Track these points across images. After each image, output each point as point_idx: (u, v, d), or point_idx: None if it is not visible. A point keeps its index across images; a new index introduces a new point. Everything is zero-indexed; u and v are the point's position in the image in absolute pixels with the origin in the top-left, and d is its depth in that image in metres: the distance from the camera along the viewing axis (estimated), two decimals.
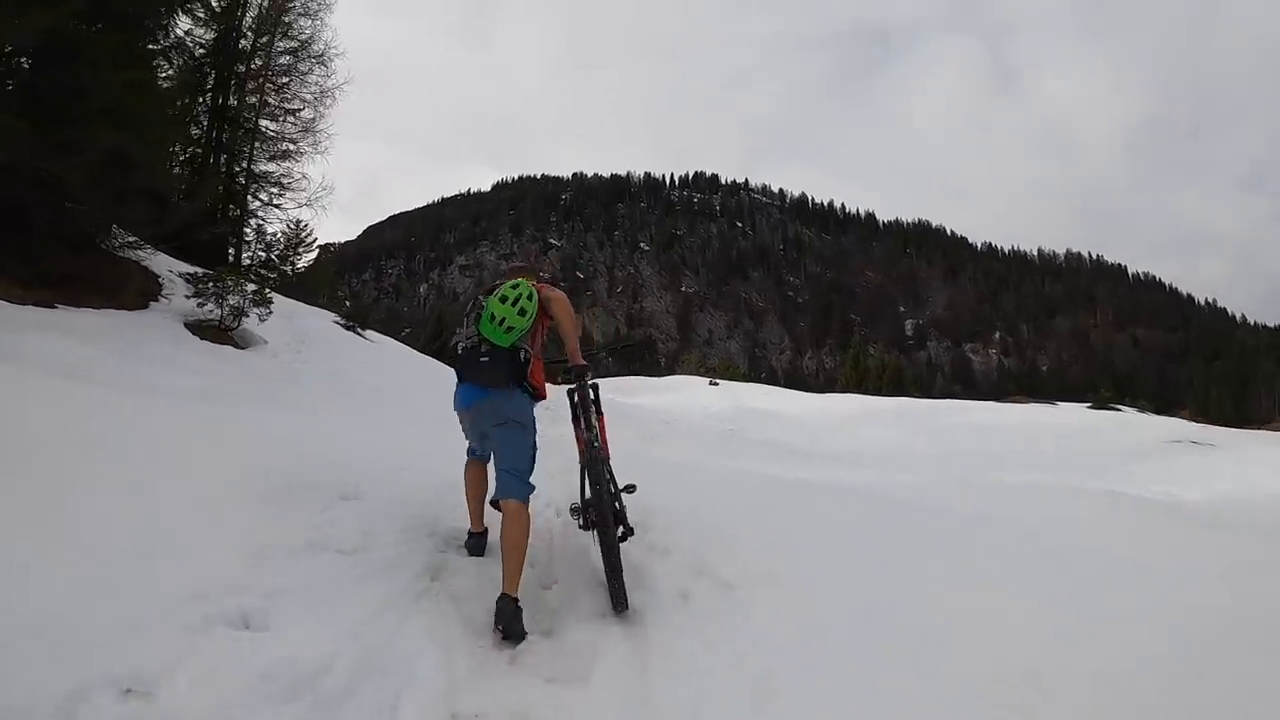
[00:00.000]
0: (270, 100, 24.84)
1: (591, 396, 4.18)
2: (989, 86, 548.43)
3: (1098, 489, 12.34)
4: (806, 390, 46.77)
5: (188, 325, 11.71)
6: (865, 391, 46.76)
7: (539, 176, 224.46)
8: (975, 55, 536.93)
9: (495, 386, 3.88)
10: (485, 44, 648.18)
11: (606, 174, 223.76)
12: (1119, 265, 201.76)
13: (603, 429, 4.18)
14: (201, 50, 22.47)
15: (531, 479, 3.94)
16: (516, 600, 3.44)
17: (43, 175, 10.29)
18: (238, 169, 24.23)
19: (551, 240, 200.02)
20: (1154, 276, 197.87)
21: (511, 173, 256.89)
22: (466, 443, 4.38)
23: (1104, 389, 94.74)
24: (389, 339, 20.58)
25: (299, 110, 24.94)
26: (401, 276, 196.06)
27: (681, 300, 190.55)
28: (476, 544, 4.29)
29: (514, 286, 3.91)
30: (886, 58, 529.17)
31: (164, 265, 13.39)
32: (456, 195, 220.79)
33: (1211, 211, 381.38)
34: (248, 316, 12.32)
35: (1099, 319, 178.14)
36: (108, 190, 11.56)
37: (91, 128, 11.00)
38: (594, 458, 4.00)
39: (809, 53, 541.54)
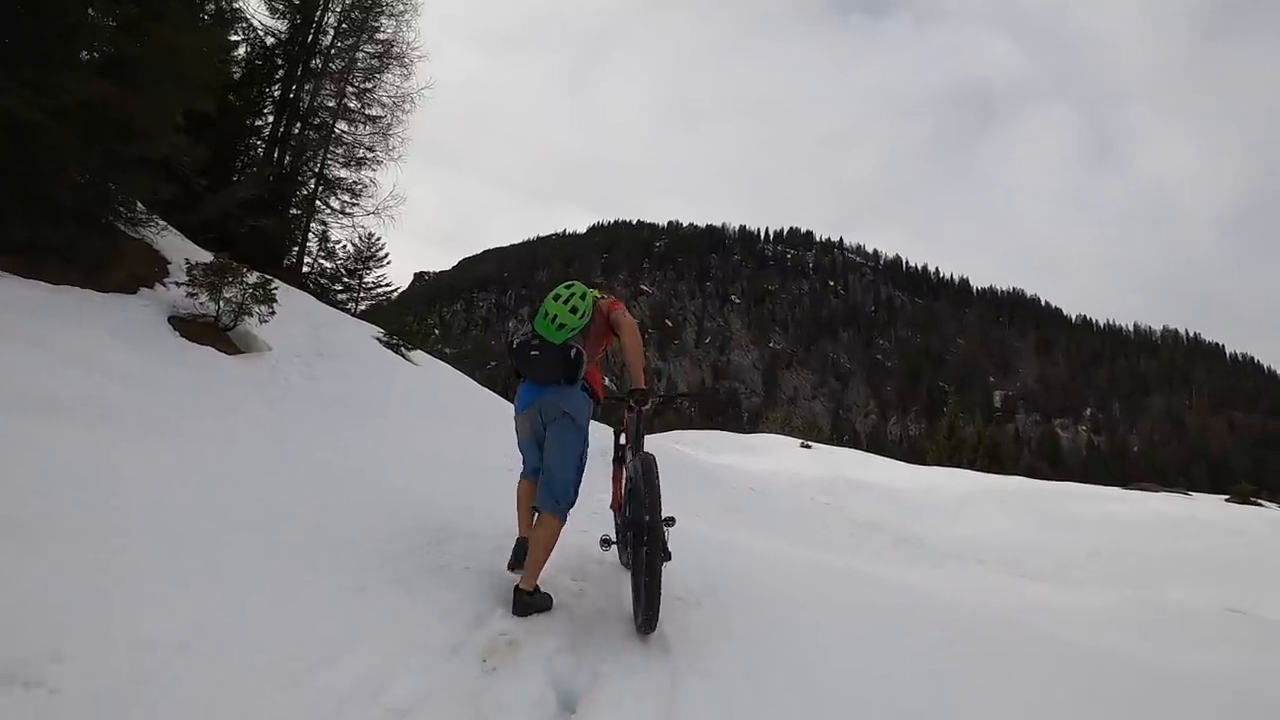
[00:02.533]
0: (350, 104, 23.41)
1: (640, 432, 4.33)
2: (1088, 157, 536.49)
3: None
4: (899, 458, 43.30)
5: (173, 319, 9.50)
6: (959, 464, 43.02)
7: (634, 222, 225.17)
8: (1075, 124, 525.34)
9: (550, 382, 4.03)
10: (591, 89, 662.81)
11: (702, 224, 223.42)
12: (1216, 345, 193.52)
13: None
14: (273, 40, 21.02)
15: (572, 495, 4.03)
16: (531, 592, 3.84)
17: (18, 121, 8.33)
18: (304, 169, 22.73)
19: (643, 286, 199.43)
20: (1252, 358, 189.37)
21: (607, 217, 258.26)
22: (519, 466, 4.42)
23: (1198, 474, 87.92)
24: (441, 364, 18.27)
25: (378, 115, 23.45)
26: (492, 310, 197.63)
27: (769, 356, 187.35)
28: (518, 554, 4.26)
29: (568, 286, 4.10)
30: (985, 124, 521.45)
31: (184, 251, 11.28)
32: (552, 235, 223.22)
33: None
34: (251, 315, 10.05)
35: (1194, 400, 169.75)
36: (97, 153, 9.64)
37: (72, 69, 9.04)
38: (649, 480, 3.94)
39: (908, 116, 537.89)
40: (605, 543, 4.31)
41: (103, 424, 5.15)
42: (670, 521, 4.02)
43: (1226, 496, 35.21)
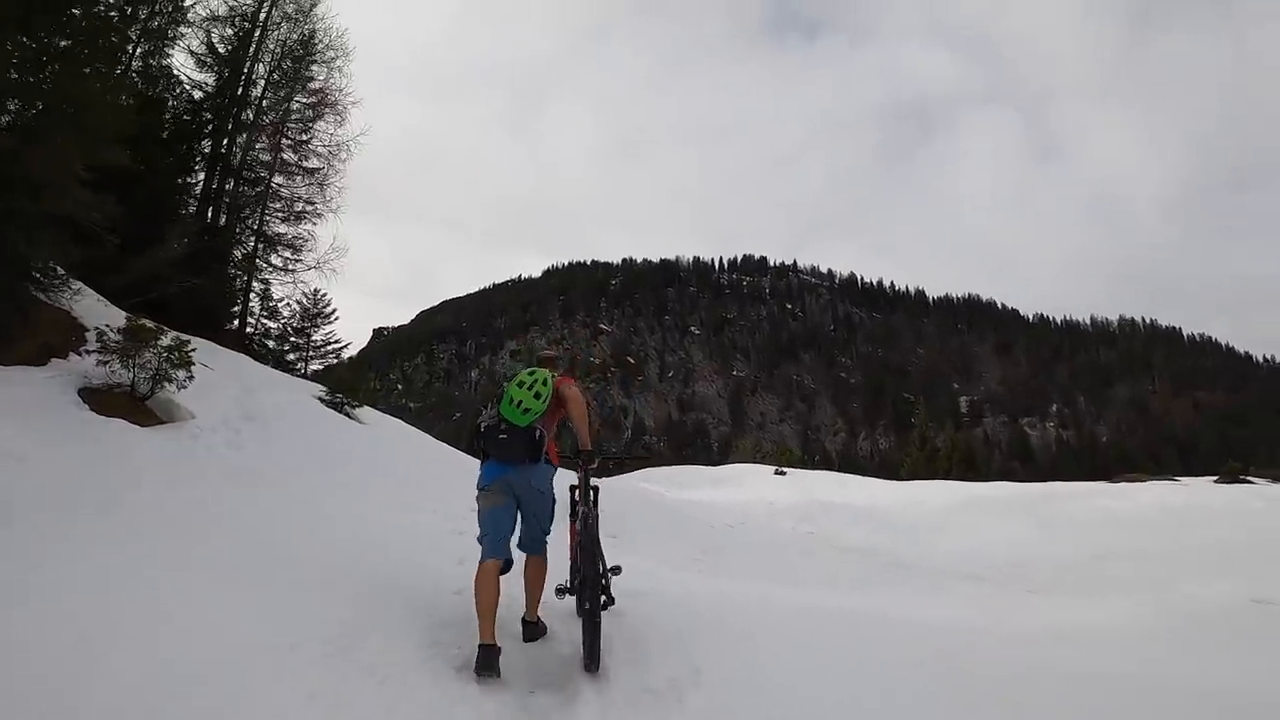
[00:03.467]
0: (286, 156, 22.65)
1: (591, 493, 4.92)
2: (1030, 156, 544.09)
3: None
4: (874, 474, 42.75)
5: (84, 391, 8.61)
6: (934, 473, 42.64)
7: (588, 262, 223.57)
8: (1015, 125, 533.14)
9: (515, 462, 4.50)
10: (534, 132, 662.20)
11: (655, 258, 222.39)
12: (1174, 328, 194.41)
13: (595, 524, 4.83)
14: (201, 94, 20.23)
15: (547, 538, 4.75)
16: (535, 622, 4.73)
17: None
18: (242, 227, 21.88)
19: (602, 325, 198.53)
20: (1210, 337, 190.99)
21: (561, 259, 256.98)
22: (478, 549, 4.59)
23: (1161, 458, 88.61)
24: (392, 420, 17.33)
25: (315, 168, 22.72)
26: (453, 360, 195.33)
27: (733, 384, 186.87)
28: (487, 659, 4.09)
29: (530, 373, 4.59)
30: (926, 134, 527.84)
31: (106, 318, 10.40)
32: (508, 281, 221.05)
33: (1261, 264, 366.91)
34: (171, 382, 9.17)
35: (1157, 385, 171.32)
36: None
37: None
38: (590, 536, 4.67)
39: (850, 133, 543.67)
40: (560, 591, 4.86)
41: None
42: (616, 570, 4.89)
43: (1215, 477, 35.00)
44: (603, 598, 4.61)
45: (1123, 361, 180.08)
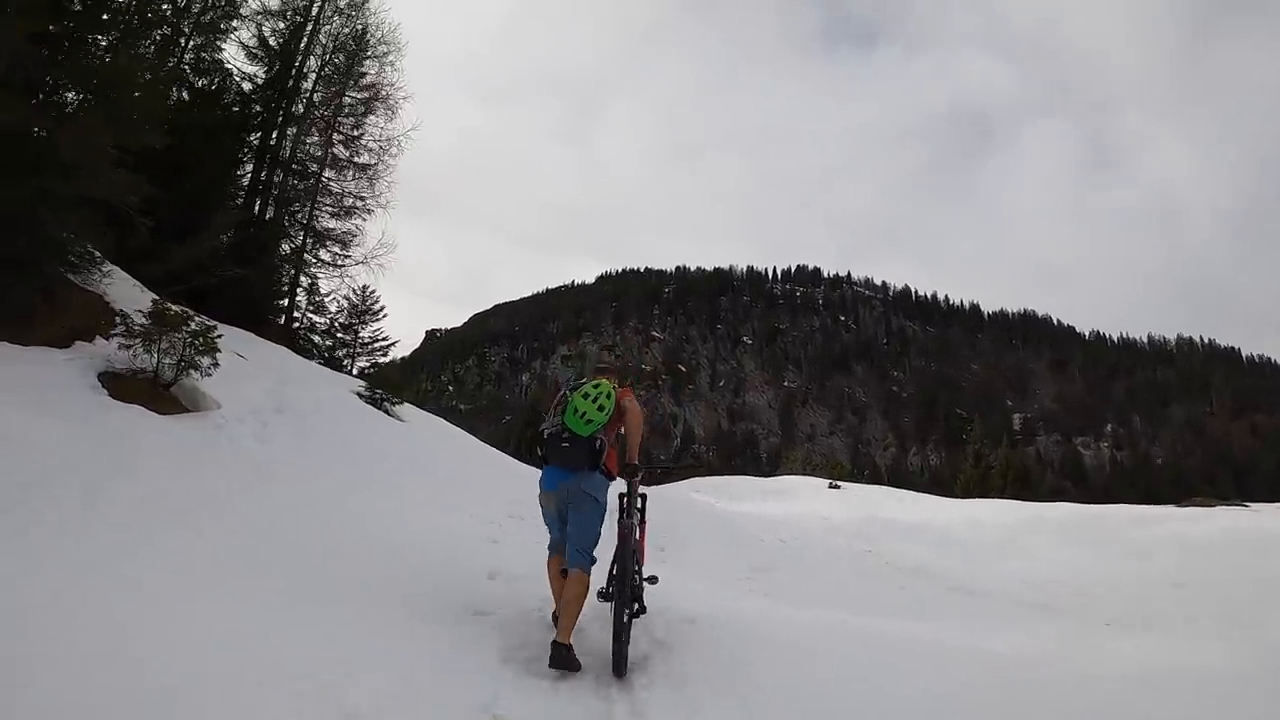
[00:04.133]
0: (338, 152, 22.52)
1: (639, 505, 5.10)
2: (1088, 169, 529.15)
3: None
4: (922, 489, 41.34)
5: (104, 375, 8.19)
6: (988, 491, 41.14)
7: (642, 269, 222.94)
8: (1073, 138, 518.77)
9: (576, 469, 4.73)
10: (589, 139, 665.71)
11: (709, 267, 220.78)
12: (1233, 349, 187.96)
13: (643, 537, 5.16)
14: (250, 85, 20.05)
15: (597, 553, 4.78)
16: (569, 646, 4.40)
17: None
18: (291, 221, 21.72)
19: (654, 333, 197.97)
20: (1270, 358, 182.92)
21: (615, 265, 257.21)
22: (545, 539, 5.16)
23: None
24: (434, 419, 16.84)
25: (367, 163, 22.56)
26: (504, 364, 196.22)
27: (784, 395, 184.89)
28: (559, 656, 4.39)
29: (595, 386, 4.81)
30: (983, 145, 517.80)
31: (144, 305, 10.02)
32: (561, 286, 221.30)
33: None
34: (197, 370, 8.71)
35: (1214, 406, 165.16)
36: (27, 188, 8.49)
37: None
38: (626, 545, 4.80)
39: (905, 144, 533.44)
40: (601, 596, 4.90)
41: None
42: (652, 580, 5.02)
43: None
44: (635, 605, 4.82)
45: (1180, 381, 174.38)
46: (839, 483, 28.43)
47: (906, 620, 7.82)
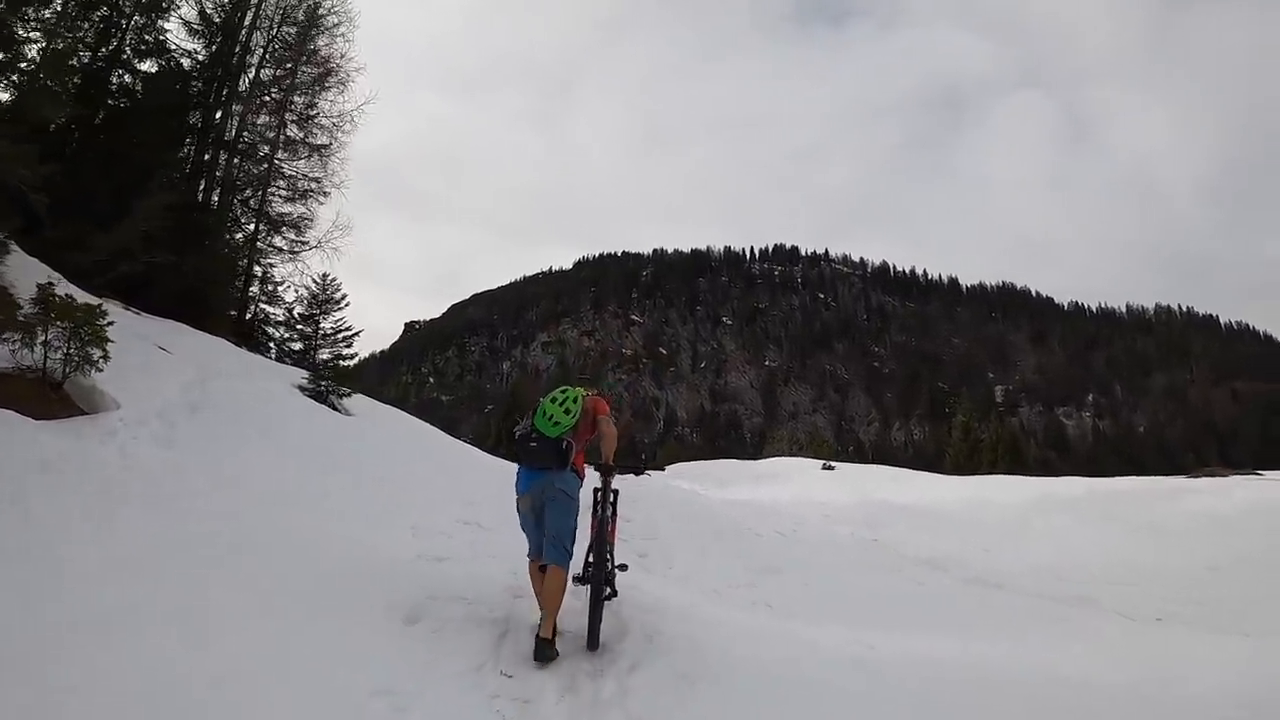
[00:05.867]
0: (290, 133, 21.12)
1: (612, 500, 5.47)
2: (1064, 142, 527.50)
3: None
4: (907, 465, 40.46)
5: None
6: (978, 466, 40.45)
7: (619, 254, 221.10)
8: (1048, 111, 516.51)
9: (545, 468, 5.04)
10: (561, 125, 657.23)
11: (687, 249, 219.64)
12: (1211, 316, 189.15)
13: (614, 527, 5.52)
14: (190, 62, 18.52)
15: (572, 548, 5.10)
16: (551, 639, 4.78)
17: None
18: (242, 207, 20.33)
19: (634, 316, 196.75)
20: (1248, 325, 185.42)
21: (592, 250, 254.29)
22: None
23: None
24: (388, 410, 15.54)
25: (322, 144, 21.18)
26: (485, 353, 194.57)
27: (765, 374, 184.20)
28: (543, 649, 4.77)
29: (563, 391, 5.14)
30: (957, 120, 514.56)
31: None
32: (538, 273, 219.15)
33: None
34: (91, 364, 7.37)
35: (1195, 374, 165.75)
36: None
37: None
38: (601, 536, 5.21)
39: (880, 121, 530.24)
40: (575, 579, 5.21)
41: None
42: (622, 567, 5.58)
43: None
44: (606, 589, 5.16)
45: (1160, 350, 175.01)
46: (832, 463, 27.38)
47: (940, 633, 6.62)
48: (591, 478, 5.49)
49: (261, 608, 4.71)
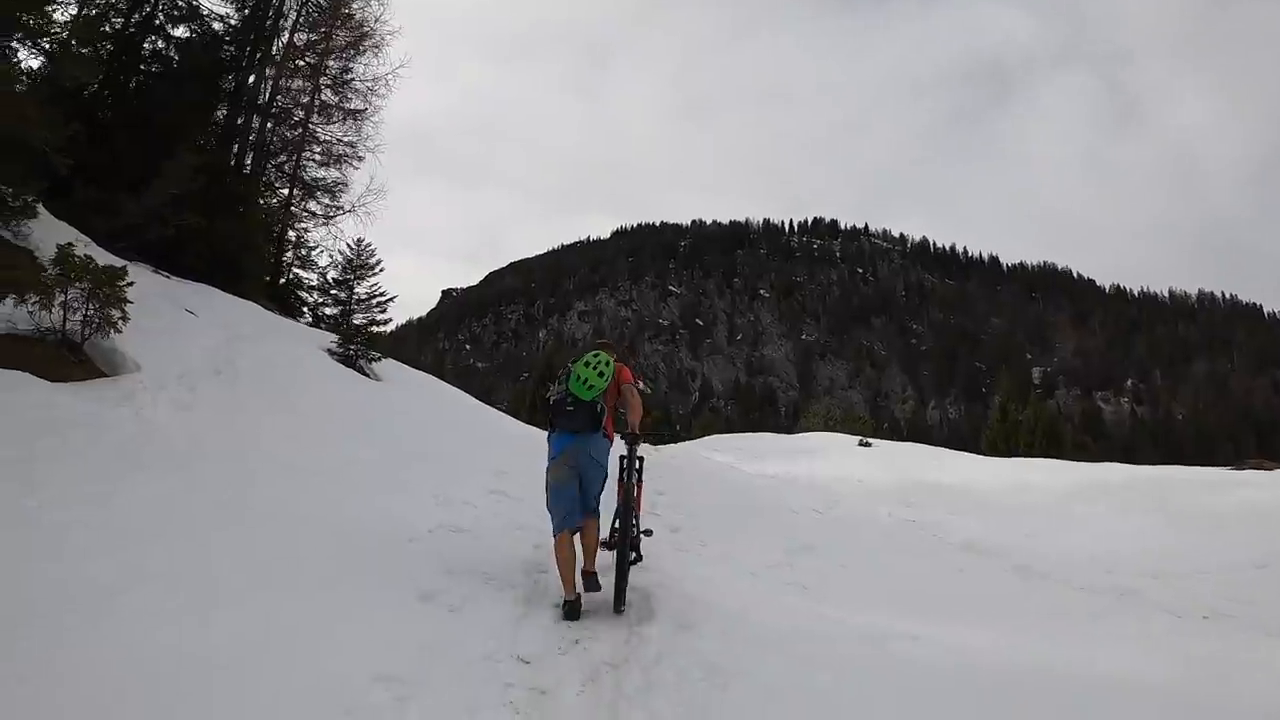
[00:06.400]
0: (325, 97, 21.01)
1: (638, 466, 5.61)
2: (1109, 121, 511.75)
3: None
4: (942, 444, 39.69)
5: None
6: (1016, 448, 39.55)
7: (657, 224, 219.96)
8: (1093, 89, 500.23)
9: (580, 431, 5.20)
10: (600, 94, 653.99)
11: (725, 221, 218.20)
12: (1255, 304, 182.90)
13: (639, 493, 5.67)
14: (221, 25, 18.33)
15: (600, 503, 5.40)
16: (595, 573, 5.19)
17: None
18: (276, 173, 20.26)
19: (671, 287, 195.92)
20: None
21: (630, 220, 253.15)
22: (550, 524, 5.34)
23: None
24: (420, 375, 15.41)
25: (357, 109, 21.06)
26: (521, 322, 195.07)
27: (802, 348, 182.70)
28: (572, 609, 5.02)
29: (595, 355, 5.28)
30: (1001, 97, 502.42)
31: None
32: (576, 243, 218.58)
33: None
34: (110, 326, 7.24)
35: (1236, 363, 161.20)
36: None
37: None
38: (627, 503, 5.35)
39: (922, 95, 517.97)
40: (603, 544, 5.47)
41: None
42: (647, 533, 5.78)
43: None
44: (632, 554, 5.35)
45: (1202, 337, 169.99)
46: (869, 440, 26.84)
47: (981, 624, 6.29)
48: (618, 446, 5.58)
49: (263, 579, 4.56)
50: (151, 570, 4.29)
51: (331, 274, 21.41)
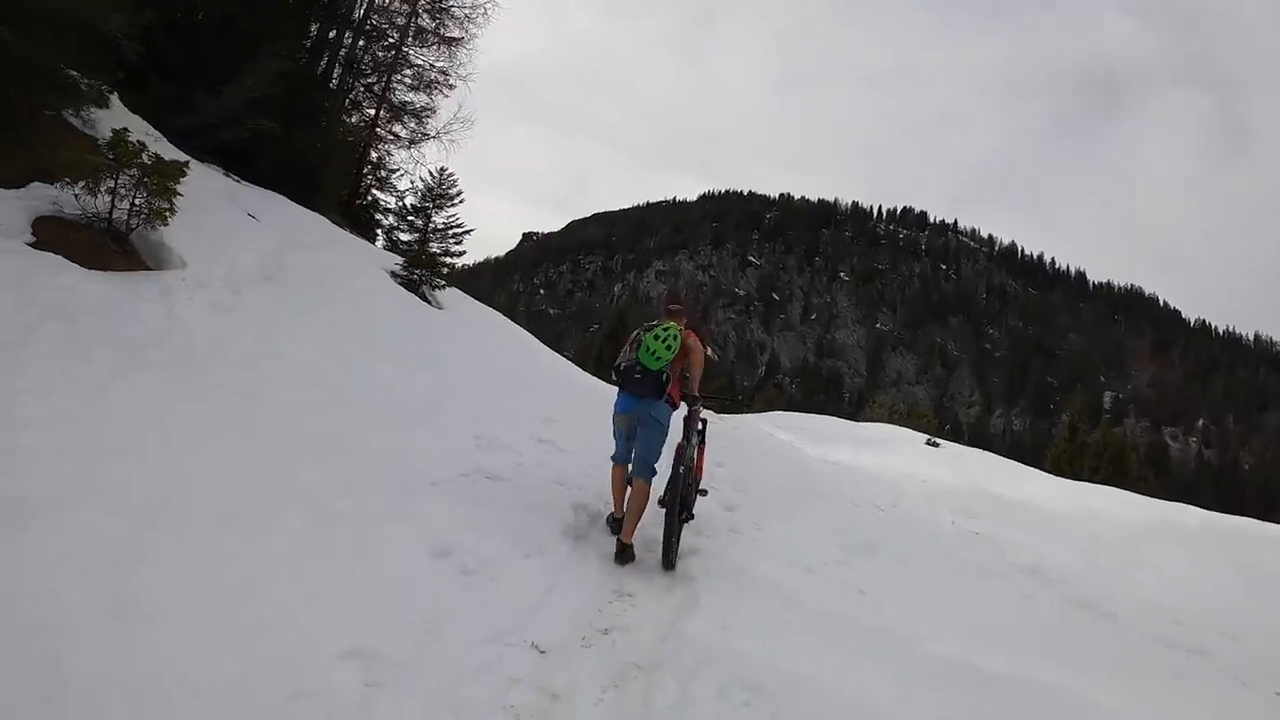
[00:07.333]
0: (423, 22, 20.69)
1: (699, 427, 6.16)
2: (1217, 148, 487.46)
3: None
4: (1003, 454, 38.11)
5: (41, 220, 6.52)
6: (1079, 471, 37.91)
7: (745, 193, 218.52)
8: (1204, 113, 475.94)
9: (645, 396, 5.51)
10: (701, 56, 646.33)
11: (813, 198, 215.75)
12: None
13: (701, 455, 6.25)
14: None
15: (657, 466, 5.60)
16: (630, 545, 5.40)
17: None
18: (365, 90, 19.99)
19: (750, 258, 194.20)
20: None
21: (718, 186, 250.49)
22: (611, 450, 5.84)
23: None
24: (484, 309, 15.06)
25: (455, 37, 20.73)
26: (598, 273, 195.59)
27: (874, 336, 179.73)
28: (618, 524, 5.57)
29: (665, 328, 5.59)
30: (1109, 108, 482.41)
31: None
32: (661, 201, 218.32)
33: None
34: (161, 218, 6.90)
35: None
36: None
37: None
38: (680, 459, 5.54)
39: (1029, 96, 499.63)
40: (660, 502, 5.50)
41: None
42: (704, 492, 6.21)
43: None
44: (684, 513, 5.62)
45: None
46: (937, 440, 25.79)
47: (1046, 662, 5.60)
48: (681, 411, 5.95)
49: (240, 509, 4.10)
50: (105, 484, 3.86)
51: (410, 199, 21.33)
